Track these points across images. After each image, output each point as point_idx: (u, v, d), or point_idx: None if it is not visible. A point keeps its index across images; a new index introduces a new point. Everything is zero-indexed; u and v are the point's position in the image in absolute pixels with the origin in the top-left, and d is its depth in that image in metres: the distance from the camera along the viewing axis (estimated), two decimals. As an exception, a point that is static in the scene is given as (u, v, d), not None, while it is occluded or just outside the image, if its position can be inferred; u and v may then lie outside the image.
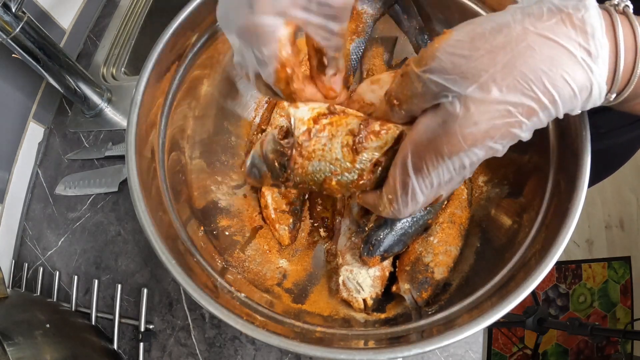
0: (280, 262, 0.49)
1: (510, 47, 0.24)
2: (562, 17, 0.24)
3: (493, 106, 0.24)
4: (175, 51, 0.44)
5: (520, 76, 0.24)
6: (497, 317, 0.32)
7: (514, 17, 0.25)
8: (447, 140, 0.26)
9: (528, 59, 0.24)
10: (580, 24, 0.24)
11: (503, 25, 0.24)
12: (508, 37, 0.24)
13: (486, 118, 0.25)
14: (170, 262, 0.36)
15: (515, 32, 0.24)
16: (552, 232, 0.34)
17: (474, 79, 0.24)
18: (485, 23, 0.25)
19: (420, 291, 0.41)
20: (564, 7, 0.24)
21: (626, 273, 1.53)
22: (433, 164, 0.27)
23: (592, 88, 0.25)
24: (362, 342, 0.36)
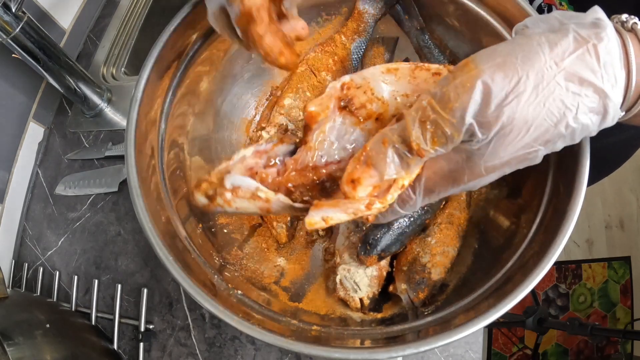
0: (278, 261, 0.49)
1: (542, 86, 0.24)
2: (587, 48, 0.24)
3: (517, 143, 0.25)
4: (175, 50, 0.44)
5: (547, 115, 0.24)
6: (494, 318, 0.32)
7: (541, 48, 0.24)
8: (470, 172, 0.26)
9: (556, 99, 0.24)
10: (604, 54, 0.24)
11: (532, 59, 0.24)
12: (538, 75, 0.24)
13: (510, 152, 0.25)
14: (167, 259, 0.36)
15: (544, 68, 0.24)
16: (551, 234, 0.34)
17: (508, 123, 0.24)
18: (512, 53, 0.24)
19: (416, 291, 0.41)
20: (588, 37, 0.24)
21: (626, 273, 1.53)
22: (446, 190, 0.27)
23: (608, 114, 0.25)
24: (358, 341, 0.37)
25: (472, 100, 0.24)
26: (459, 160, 0.26)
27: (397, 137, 0.25)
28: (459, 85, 0.24)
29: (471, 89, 0.24)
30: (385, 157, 0.25)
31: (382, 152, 0.25)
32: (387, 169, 0.25)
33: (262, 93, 0.55)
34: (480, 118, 0.24)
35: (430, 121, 0.24)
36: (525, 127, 0.24)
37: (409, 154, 0.25)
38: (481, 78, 0.24)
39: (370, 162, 0.25)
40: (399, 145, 0.25)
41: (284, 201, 0.29)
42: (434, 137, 0.24)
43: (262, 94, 0.55)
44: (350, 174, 0.26)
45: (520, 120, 0.24)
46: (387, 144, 0.25)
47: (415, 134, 0.24)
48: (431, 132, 0.24)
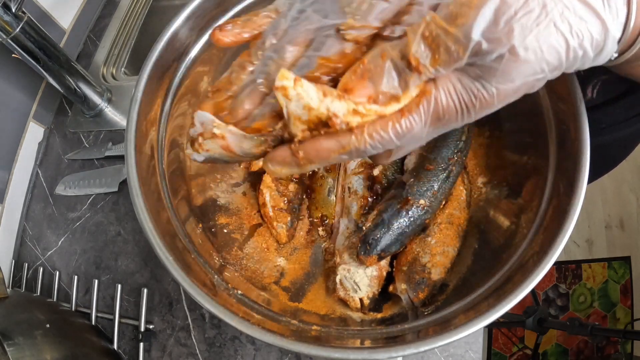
0: (278, 261, 0.49)
1: (551, 6, 0.23)
2: None
3: (530, 65, 0.24)
4: (175, 50, 0.44)
5: (557, 38, 0.23)
6: (494, 318, 0.32)
7: None
8: (480, 95, 0.24)
9: (565, 20, 0.23)
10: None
11: None
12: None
13: (522, 76, 0.24)
14: (167, 259, 0.36)
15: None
16: (550, 234, 0.34)
17: (518, 40, 0.23)
18: None
19: (416, 291, 0.41)
20: None
21: (626, 273, 1.53)
22: (455, 119, 0.25)
23: (606, 47, 0.25)
24: (358, 341, 0.36)
25: (481, 16, 0.22)
26: (469, 79, 0.24)
27: (397, 52, 0.23)
28: (465, 1, 0.23)
29: (478, 3, 0.22)
30: (382, 70, 0.23)
31: (379, 65, 0.24)
32: (383, 81, 0.23)
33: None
34: (489, 34, 0.23)
35: (434, 36, 0.23)
36: (537, 46, 0.23)
37: (408, 69, 0.23)
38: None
39: (366, 75, 0.24)
40: (398, 61, 0.23)
41: (235, 132, 0.26)
42: (435, 54, 0.23)
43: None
44: (344, 84, 0.24)
45: (532, 39, 0.23)
46: (385, 58, 0.23)
47: (416, 47, 0.23)
48: (433, 48, 0.23)
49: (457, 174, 0.45)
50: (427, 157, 0.45)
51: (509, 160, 0.45)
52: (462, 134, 0.45)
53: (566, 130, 0.37)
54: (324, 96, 0.23)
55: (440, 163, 0.44)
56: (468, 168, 0.49)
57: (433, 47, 0.23)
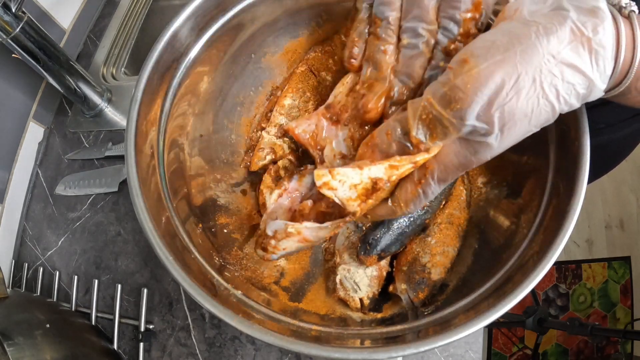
0: (278, 261, 0.49)
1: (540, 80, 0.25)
2: (582, 41, 0.25)
3: (521, 132, 0.27)
4: (175, 50, 0.44)
5: (544, 105, 0.26)
6: (494, 318, 0.32)
7: (539, 40, 0.25)
8: (477, 160, 0.28)
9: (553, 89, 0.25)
10: (597, 47, 0.25)
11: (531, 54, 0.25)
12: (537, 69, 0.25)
13: (513, 140, 0.27)
14: (167, 258, 0.36)
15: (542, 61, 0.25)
16: (550, 234, 0.34)
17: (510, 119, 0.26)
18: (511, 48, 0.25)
19: (416, 291, 0.41)
20: (584, 29, 0.25)
21: (626, 273, 1.53)
22: (456, 176, 0.29)
23: (590, 96, 0.27)
24: (358, 341, 0.36)
25: (474, 103, 0.25)
26: (467, 153, 0.27)
27: (399, 130, 0.27)
28: (459, 86, 0.25)
29: (472, 91, 0.24)
30: (388, 148, 0.28)
31: (385, 143, 0.28)
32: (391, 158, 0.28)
33: (262, 93, 0.55)
34: (483, 118, 0.25)
35: (430, 119, 0.26)
36: (525, 119, 0.26)
37: (410, 146, 0.27)
38: (481, 79, 0.24)
39: (376, 150, 0.28)
40: (401, 137, 0.27)
41: (311, 226, 0.31)
42: (433, 133, 0.26)
43: (262, 94, 0.55)
44: (361, 155, 0.29)
45: (521, 114, 0.25)
46: (390, 137, 0.28)
47: (415, 131, 0.27)
48: (431, 128, 0.26)
49: (457, 174, 0.45)
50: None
51: (509, 160, 0.45)
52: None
53: (566, 131, 0.37)
54: (361, 169, 0.28)
55: (441, 163, 0.44)
56: (468, 168, 0.49)
57: (431, 128, 0.26)
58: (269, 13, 0.49)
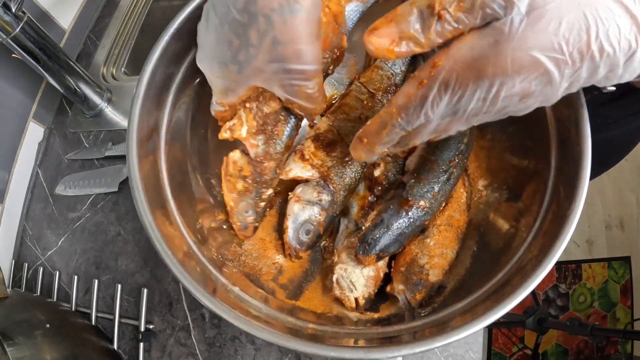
0: (276, 258, 0.49)
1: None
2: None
3: (548, 36, 0.23)
4: (176, 50, 0.44)
5: (578, 16, 0.23)
6: (491, 320, 0.32)
7: None
8: (495, 61, 0.24)
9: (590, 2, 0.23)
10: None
11: None
12: None
13: (539, 46, 0.23)
14: (166, 253, 0.36)
15: None
16: (550, 238, 0.34)
17: (539, 3, 0.23)
18: None
19: (414, 292, 0.41)
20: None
21: (626, 273, 1.53)
22: (467, 84, 0.25)
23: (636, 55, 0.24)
24: (353, 340, 0.37)
25: None
26: (484, 45, 0.24)
27: (425, 1, 0.25)
28: None
29: None
30: (408, 15, 0.25)
31: (407, 11, 0.25)
32: (406, 23, 0.25)
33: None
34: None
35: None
36: (557, 16, 0.23)
37: (431, 15, 0.24)
38: None
39: (394, 19, 0.26)
40: (424, 9, 0.25)
41: None
42: (460, 1, 0.24)
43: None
44: (375, 24, 0.26)
45: (554, 6, 0.23)
46: (413, 5, 0.25)
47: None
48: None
49: (457, 176, 0.45)
50: (428, 158, 0.45)
51: (510, 164, 0.45)
52: (463, 137, 0.45)
53: (567, 135, 0.37)
54: None
55: (442, 165, 0.44)
56: (469, 170, 0.49)
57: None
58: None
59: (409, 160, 0.48)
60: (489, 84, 0.25)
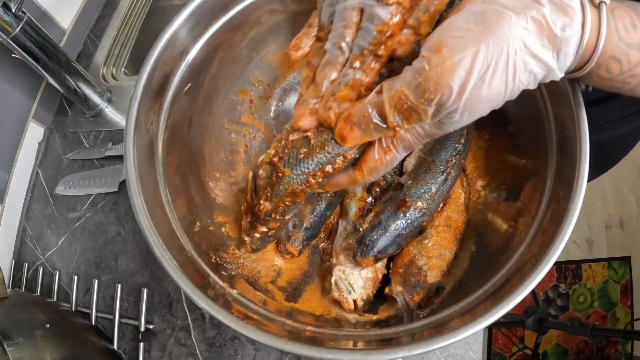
0: (275, 260, 0.49)
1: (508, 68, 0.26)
2: (548, 35, 0.26)
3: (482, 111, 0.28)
4: (175, 50, 0.44)
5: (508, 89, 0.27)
6: (490, 321, 0.32)
7: (511, 31, 0.26)
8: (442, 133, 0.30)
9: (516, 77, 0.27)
10: (562, 44, 0.27)
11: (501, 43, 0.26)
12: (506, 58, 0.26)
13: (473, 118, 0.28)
14: (164, 257, 0.36)
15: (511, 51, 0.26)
16: (549, 238, 0.34)
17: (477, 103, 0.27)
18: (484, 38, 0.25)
19: (412, 294, 0.41)
20: (553, 27, 0.26)
21: (626, 273, 1.53)
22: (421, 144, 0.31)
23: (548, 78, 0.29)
24: (351, 342, 0.37)
25: (448, 93, 0.26)
26: (432, 128, 0.29)
27: (375, 113, 0.29)
28: (433, 78, 0.26)
29: (446, 82, 0.25)
30: (367, 127, 0.29)
31: (363, 122, 0.29)
32: (369, 135, 0.30)
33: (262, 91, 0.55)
34: (455, 105, 0.26)
35: (405, 108, 0.27)
36: (489, 102, 0.27)
37: (386, 127, 0.29)
38: (455, 71, 0.25)
39: (353, 127, 0.30)
40: (378, 120, 0.29)
41: None
42: (409, 119, 0.28)
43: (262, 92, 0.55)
44: (340, 130, 0.30)
45: (487, 99, 0.27)
46: (367, 118, 0.29)
47: (392, 117, 0.28)
48: (406, 115, 0.28)
49: (455, 176, 0.45)
50: (425, 159, 0.45)
51: (508, 164, 0.45)
52: (460, 137, 0.45)
53: (566, 135, 0.37)
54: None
55: (439, 165, 0.44)
56: (467, 171, 0.49)
57: (406, 115, 0.28)
58: (270, 13, 0.49)
59: (407, 161, 0.48)
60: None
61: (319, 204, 0.48)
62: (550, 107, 0.39)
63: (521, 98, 0.30)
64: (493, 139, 0.48)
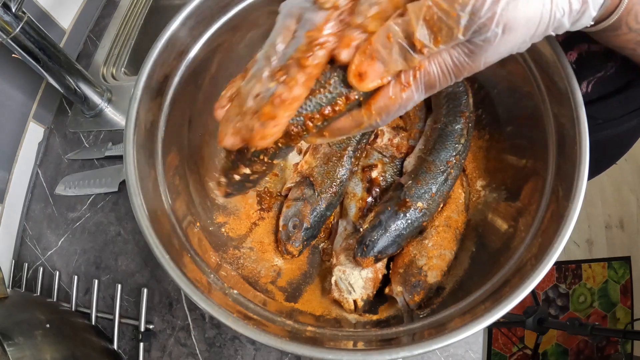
0: (275, 260, 0.49)
1: None
2: None
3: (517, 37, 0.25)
4: (175, 49, 0.44)
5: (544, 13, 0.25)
6: (490, 321, 0.32)
7: None
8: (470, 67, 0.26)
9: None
10: None
11: None
12: None
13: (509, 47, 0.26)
14: (164, 257, 0.36)
15: None
16: (549, 237, 0.34)
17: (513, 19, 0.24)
18: None
19: (412, 294, 0.41)
20: None
21: (626, 273, 1.53)
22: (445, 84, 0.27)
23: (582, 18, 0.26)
24: (351, 343, 0.36)
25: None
26: (461, 55, 0.26)
27: (401, 33, 0.25)
28: None
29: None
30: (390, 52, 0.25)
31: (387, 46, 0.25)
32: (394, 64, 0.25)
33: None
34: (489, 12, 0.23)
35: (435, 20, 0.24)
36: (525, 25, 0.24)
37: (412, 50, 0.25)
38: None
39: (375, 56, 0.26)
40: (403, 41, 0.25)
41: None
42: (438, 36, 0.24)
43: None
44: (358, 66, 0.26)
45: (523, 18, 0.24)
46: (391, 39, 0.25)
47: (420, 33, 0.24)
48: (435, 30, 0.24)
49: (455, 176, 0.45)
50: (425, 159, 0.45)
51: (508, 164, 0.45)
52: (460, 137, 0.45)
53: (566, 134, 0.37)
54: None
55: (439, 165, 0.44)
56: (467, 171, 0.49)
57: (435, 30, 0.24)
58: (269, 14, 0.49)
59: (407, 161, 0.48)
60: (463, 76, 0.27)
61: (319, 204, 0.48)
62: (550, 107, 0.39)
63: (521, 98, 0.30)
64: (493, 139, 0.48)
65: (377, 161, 0.50)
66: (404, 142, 0.51)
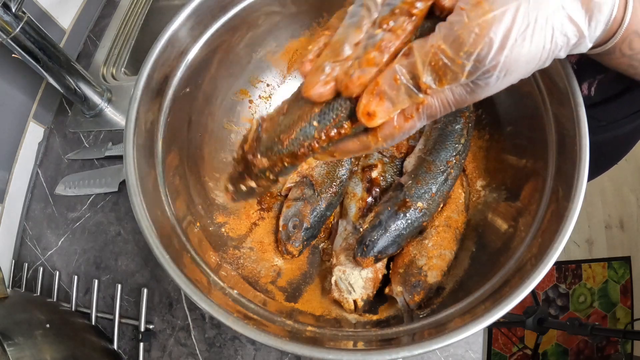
0: (275, 260, 0.49)
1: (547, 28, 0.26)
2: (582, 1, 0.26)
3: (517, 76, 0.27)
4: (175, 49, 0.44)
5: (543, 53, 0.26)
6: (490, 321, 0.32)
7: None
8: (470, 100, 0.28)
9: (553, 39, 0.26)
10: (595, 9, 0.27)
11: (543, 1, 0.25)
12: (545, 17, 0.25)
13: (507, 83, 0.27)
14: (164, 257, 0.36)
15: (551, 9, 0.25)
16: (549, 237, 0.34)
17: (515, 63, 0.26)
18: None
19: (412, 294, 0.41)
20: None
21: (626, 273, 1.53)
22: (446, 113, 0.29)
23: (578, 48, 0.28)
24: (351, 343, 0.36)
25: (488, 47, 0.24)
26: (462, 92, 0.27)
27: (406, 74, 0.26)
28: (473, 30, 0.24)
29: (487, 35, 0.24)
30: (398, 93, 0.27)
31: (394, 88, 0.27)
32: (400, 104, 0.27)
33: (262, 92, 0.55)
34: (494, 61, 0.25)
35: (440, 65, 0.25)
36: (525, 64, 0.26)
37: (417, 91, 0.27)
38: (498, 24, 0.24)
39: (383, 96, 0.27)
40: (410, 82, 0.27)
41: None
42: (442, 79, 0.26)
43: (262, 92, 0.55)
44: (366, 106, 0.27)
45: (524, 59, 0.26)
46: (398, 82, 0.27)
47: (425, 77, 0.26)
48: (440, 74, 0.26)
49: (455, 176, 0.45)
50: (425, 159, 0.45)
51: (508, 164, 0.45)
52: (460, 137, 0.45)
53: (566, 135, 0.37)
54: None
55: (439, 165, 0.44)
56: (467, 171, 0.49)
57: (440, 74, 0.26)
58: (269, 14, 0.49)
59: (407, 161, 0.48)
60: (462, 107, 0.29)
61: (319, 203, 0.48)
62: (550, 107, 0.39)
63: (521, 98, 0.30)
64: (493, 139, 0.48)
65: (377, 161, 0.50)
66: (404, 142, 0.51)
